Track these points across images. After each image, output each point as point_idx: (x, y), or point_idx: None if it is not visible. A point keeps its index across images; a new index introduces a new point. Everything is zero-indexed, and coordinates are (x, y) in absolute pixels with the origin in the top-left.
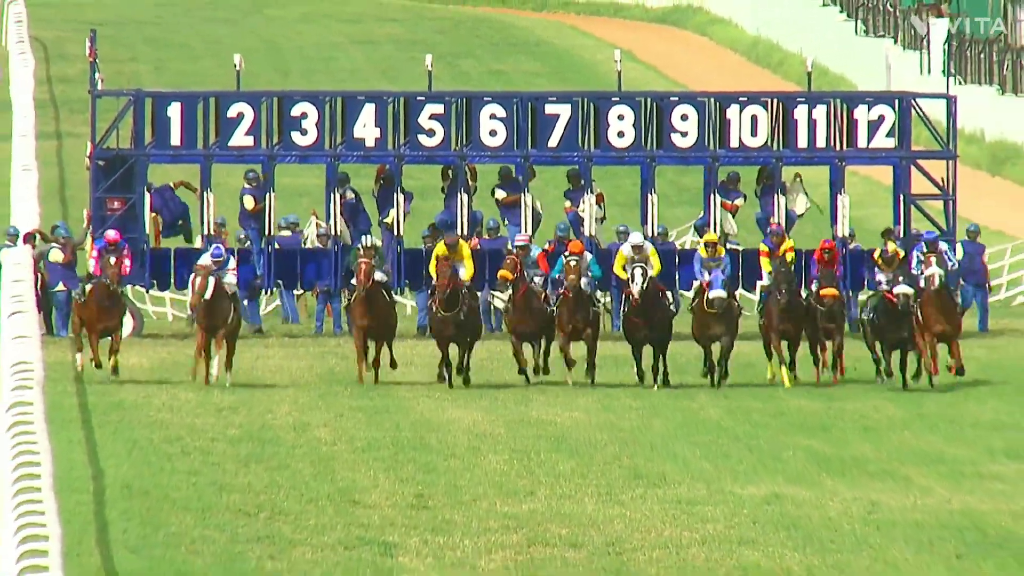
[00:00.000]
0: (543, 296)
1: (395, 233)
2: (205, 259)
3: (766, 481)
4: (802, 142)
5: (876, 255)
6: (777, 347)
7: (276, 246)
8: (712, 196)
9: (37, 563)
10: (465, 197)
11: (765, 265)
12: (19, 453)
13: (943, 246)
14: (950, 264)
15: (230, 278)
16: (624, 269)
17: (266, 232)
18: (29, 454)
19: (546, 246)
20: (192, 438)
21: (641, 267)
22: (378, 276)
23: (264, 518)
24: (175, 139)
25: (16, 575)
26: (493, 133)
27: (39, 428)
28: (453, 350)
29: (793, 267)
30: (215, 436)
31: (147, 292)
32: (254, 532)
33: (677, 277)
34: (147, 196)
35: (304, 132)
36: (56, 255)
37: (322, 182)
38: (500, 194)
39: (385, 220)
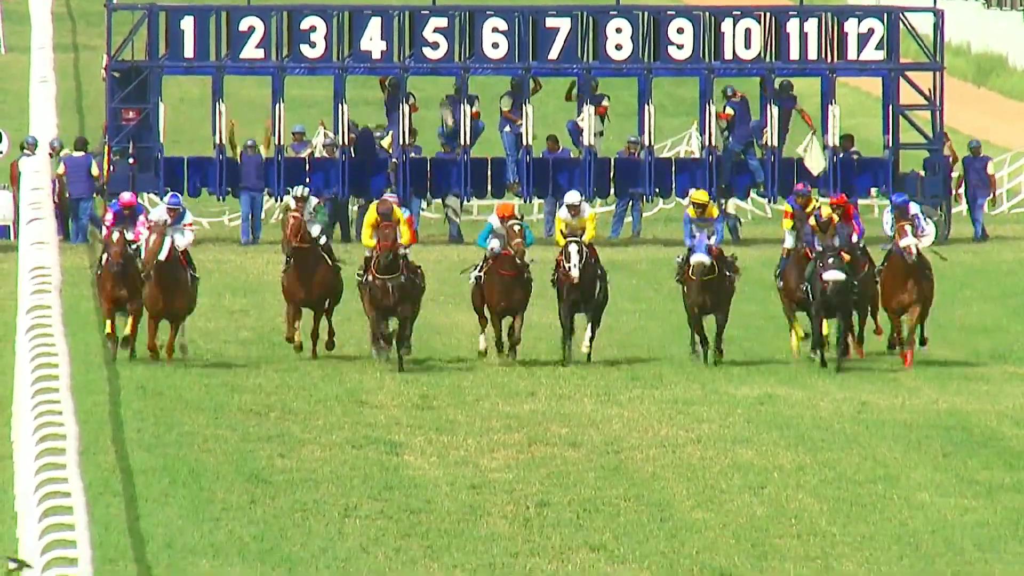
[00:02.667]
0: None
1: (401, 143)
2: (160, 211)
3: (759, 382)
4: (794, 54)
5: (811, 220)
6: (792, 316)
7: (285, 154)
8: (707, 106)
9: (55, 461)
10: (468, 108)
11: (786, 225)
12: (37, 355)
13: (914, 208)
14: (921, 231)
15: (186, 236)
16: (563, 236)
17: (276, 142)
18: (47, 356)
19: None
20: (204, 341)
21: (576, 243)
22: (314, 231)
23: (274, 418)
24: (188, 51)
25: (35, 473)
26: (495, 46)
27: (56, 331)
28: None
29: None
30: (227, 339)
31: (161, 198)
32: (264, 431)
33: (674, 187)
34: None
35: (312, 45)
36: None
37: (330, 93)
38: (506, 103)
39: (383, 142)
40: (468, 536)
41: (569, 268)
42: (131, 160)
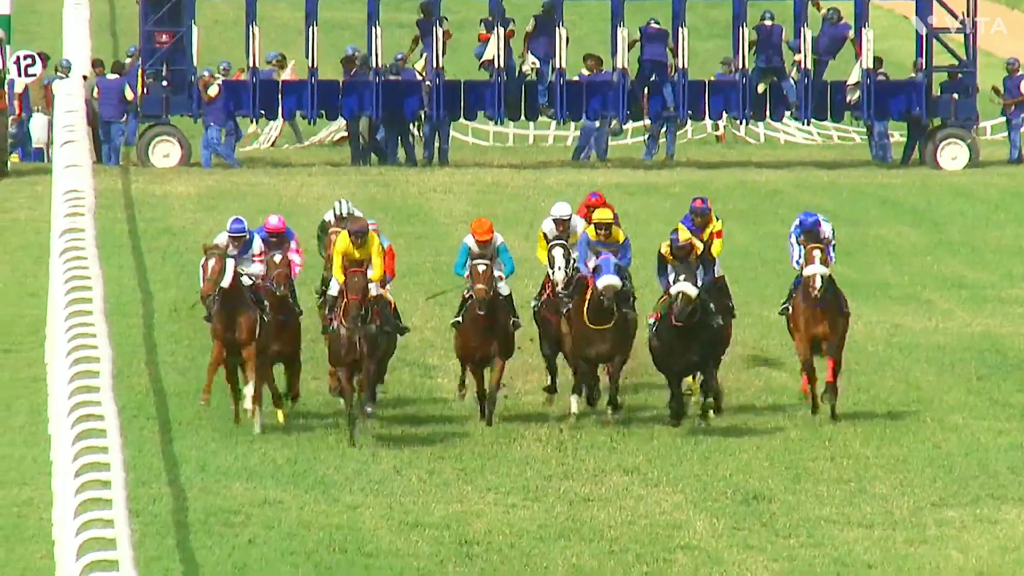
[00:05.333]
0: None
1: (435, 67)
2: (221, 238)
3: None
4: None
5: (664, 247)
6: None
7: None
8: (740, 28)
9: (88, 384)
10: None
11: (715, 247)
12: (71, 278)
13: (826, 230)
14: (832, 256)
15: (254, 270)
16: (549, 249)
17: (250, 65)
18: (81, 279)
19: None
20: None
21: (562, 246)
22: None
23: (308, 340)
24: None
25: (68, 395)
26: None
27: (90, 254)
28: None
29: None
30: None
31: (195, 122)
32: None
33: (707, 109)
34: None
35: None
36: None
37: (363, 16)
38: (530, 25)
39: (417, 67)
40: (502, 459)
41: (552, 272)
42: (164, 83)
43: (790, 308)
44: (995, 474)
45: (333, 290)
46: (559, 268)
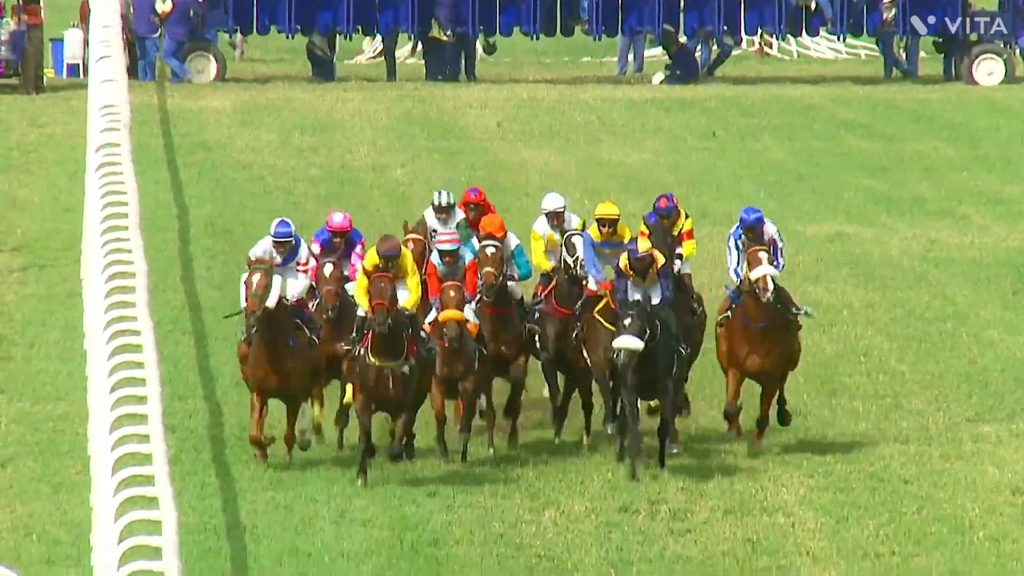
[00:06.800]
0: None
1: None
2: (263, 246)
3: (828, 220)
4: None
5: (622, 260)
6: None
7: None
8: None
9: (124, 299)
10: None
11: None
12: (107, 193)
13: (771, 229)
14: (781, 261)
15: (299, 282)
16: (547, 258)
17: None
18: (116, 194)
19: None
20: (274, 178)
21: (581, 236)
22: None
23: None
24: None
25: (104, 311)
26: None
27: (126, 168)
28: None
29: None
30: (296, 176)
31: (229, 37)
32: None
33: (743, 24)
34: None
35: None
36: None
37: None
38: None
39: None
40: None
41: (576, 259)
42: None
43: (722, 327)
44: None
45: (361, 312)
46: (578, 259)
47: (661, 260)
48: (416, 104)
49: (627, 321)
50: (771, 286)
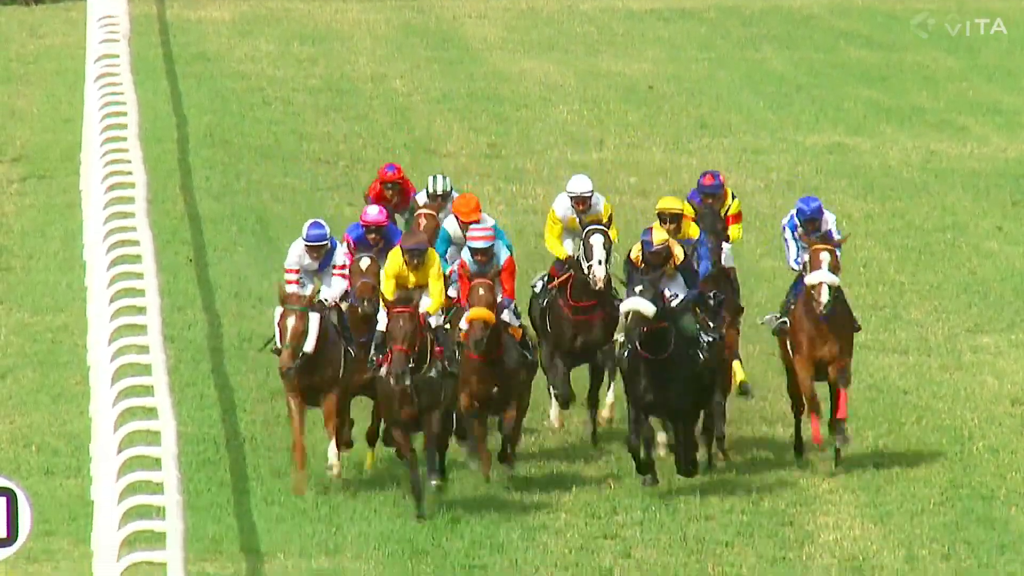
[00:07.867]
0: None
1: None
2: (296, 252)
3: (828, 130)
4: None
5: (635, 250)
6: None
7: None
8: None
9: (123, 210)
10: None
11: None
12: (106, 104)
13: (829, 220)
14: (836, 263)
15: (333, 288)
16: (563, 244)
17: None
18: (116, 104)
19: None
20: (273, 88)
21: (602, 233)
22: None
23: (343, 166)
24: None
25: (103, 221)
26: None
27: (125, 79)
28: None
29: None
30: (295, 87)
31: None
32: (333, 180)
33: None
34: None
35: None
36: None
37: None
38: None
39: None
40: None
41: (591, 266)
42: None
43: (788, 322)
44: None
45: (382, 324)
46: (599, 261)
47: (679, 254)
48: (415, 14)
49: (639, 287)
50: (825, 296)
